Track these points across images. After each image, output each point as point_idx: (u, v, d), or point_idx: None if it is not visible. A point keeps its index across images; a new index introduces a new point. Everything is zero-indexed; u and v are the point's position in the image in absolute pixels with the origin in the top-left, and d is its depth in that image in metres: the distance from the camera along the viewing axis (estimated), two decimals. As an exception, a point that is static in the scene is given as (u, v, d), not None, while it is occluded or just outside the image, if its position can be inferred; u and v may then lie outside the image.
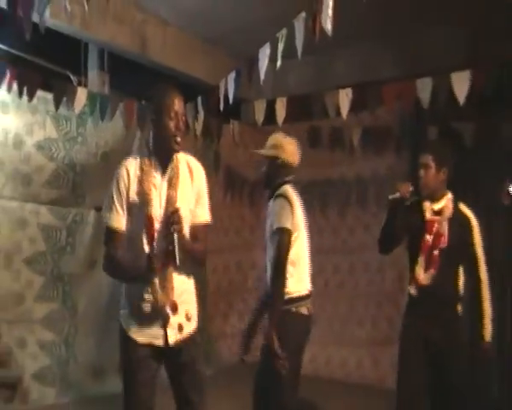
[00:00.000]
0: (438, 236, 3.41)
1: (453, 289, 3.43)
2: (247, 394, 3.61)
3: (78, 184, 5.63)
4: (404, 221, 3.49)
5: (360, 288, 6.82)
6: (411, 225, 3.51)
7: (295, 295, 3.41)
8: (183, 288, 2.76)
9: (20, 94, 4.86)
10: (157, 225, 2.66)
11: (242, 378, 4.14)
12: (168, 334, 2.71)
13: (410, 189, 3.39)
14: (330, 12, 3.69)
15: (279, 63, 4.16)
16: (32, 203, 5.33)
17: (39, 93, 5.03)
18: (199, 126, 5.79)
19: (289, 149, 3.67)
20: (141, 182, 2.70)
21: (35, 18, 3.96)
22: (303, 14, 3.95)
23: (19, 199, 5.23)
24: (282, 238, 3.32)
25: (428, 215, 3.46)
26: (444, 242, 3.40)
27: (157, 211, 2.67)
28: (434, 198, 3.48)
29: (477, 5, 5.38)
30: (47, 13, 3.99)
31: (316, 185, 6.88)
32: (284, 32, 4.15)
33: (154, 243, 2.66)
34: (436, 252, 3.41)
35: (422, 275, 3.43)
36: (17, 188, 5.20)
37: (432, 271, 3.41)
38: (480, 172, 5.18)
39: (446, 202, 3.47)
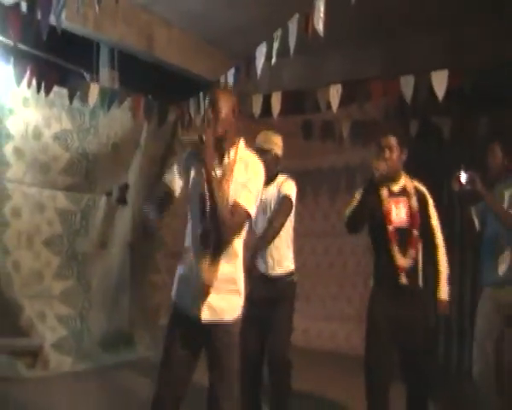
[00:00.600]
0: (412, 214, 3.31)
1: (417, 265, 3.34)
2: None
3: (91, 171, 5.83)
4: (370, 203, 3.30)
5: (349, 268, 7.04)
6: (372, 209, 3.31)
7: (293, 268, 3.91)
8: (227, 273, 2.65)
9: (39, 89, 5.04)
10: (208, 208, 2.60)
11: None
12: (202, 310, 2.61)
13: (384, 166, 3.21)
14: (322, 14, 3.81)
15: (274, 61, 4.28)
16: (50, 189, 5.56)
17: (56, 89, 5.22)
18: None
19: (279, 144, 3.95)
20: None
21: (52, 20, 4.09)
22: (296, 16, 4.06)
23: (38, 185, 5.46)
24: (291, 206, 3.78)
25: (386, 199, 3.34)
26: (417, 220, 3.32)
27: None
28: (394, 179, 3.37)
29: (455, 12, 5.54)
30: (63, 15, 4.11)
31: (308, 174, 7.07)
32: (279, 32, 4.25)
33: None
34: (415, 232, 3.31)
35: (402, 260, 3.28)
36: (36, 175, 5.42)
37: (412, 252, 3.30)
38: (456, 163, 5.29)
39: (405, 181, 3.40)
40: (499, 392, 3.71)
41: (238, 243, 2.68)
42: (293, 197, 3.77)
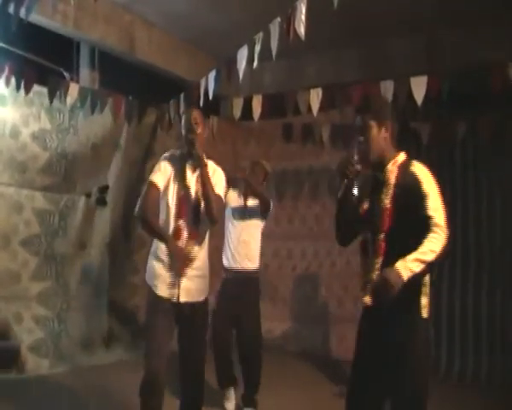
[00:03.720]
0: (381, 215, 2.58)
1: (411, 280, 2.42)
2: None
3: (70, 172, 5.69)
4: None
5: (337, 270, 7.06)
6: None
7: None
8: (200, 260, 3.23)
9: (18, 88, 4.94)
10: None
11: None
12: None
13: (355, 158, 2.60)
14: (303, 17, 3.78)
15: (255, 64, 4.24)
16: (28, 189, 5.41)
17: (35, 87, 5.11)
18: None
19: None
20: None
21: (21, 13, 4.01)
22: (278, 19, 4.02)
23: (15, 185, 5.31)
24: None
25: (365, 200, 2.68)
26: (389, 222, 2.54)
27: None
28: (383, 165, 2.64)
29: (433, 20, 5.57)
30: (33, 8, 4.02)
31: (288, 175, 7.16)
32: (260, 35, 4.20)
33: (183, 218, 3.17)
34: (381, 236, 2.57)
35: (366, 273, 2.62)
36: (14, 175, 5.29)
37: (377, 260, 2.58)
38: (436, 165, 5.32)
39: (389, 169, 2.62)
40: None
41: (204, 235, 3.25)
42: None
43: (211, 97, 4.99)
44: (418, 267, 2.36)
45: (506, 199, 5.84)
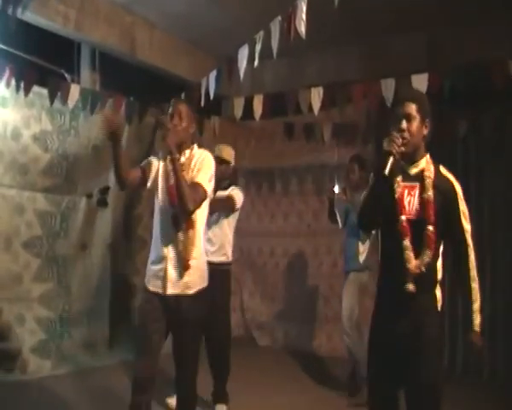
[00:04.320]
0: (427, 206, 2.53)
1: (432, 273, 2.59)
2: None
3: (71, 173, 5.68)
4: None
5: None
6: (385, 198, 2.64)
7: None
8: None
9: (18, 89, 4.92)
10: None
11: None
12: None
13: (400, 140, 2.50)
14: (304, 16, 3.78)
15: (256, 63, 4.23)
16: (29, 191, 5.39)
17: (35, 89, 5.12)
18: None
19: (234, 157, 4.60)
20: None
21: (18, 13, 4.03)
22: (279, 18, 4.02)
23: (17, 187, 5.29)
24: (232, 203, 4.46)
25: (397, 185, 2.60)
26: (433, 212, 2.53)
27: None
28: (413, 160, 2.60)
29: (433, 18, 5.56)
30: (29, 6, 4.02)
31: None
32: (261, 34, 4.19)
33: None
34: (431, 228, 2.52)
35: (414, 262, 2.53)
36: (15, 177, 5.28)
37: (428, 253, 2.52)
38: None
39: (426, 164, 2.60)
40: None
41: (200, 224, 3.14)
42: (238, 202, 4.42)
43: (212, 97, 4.99)
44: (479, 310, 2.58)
45: (508, 195, 5.81)
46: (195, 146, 3.24)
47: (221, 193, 4.38)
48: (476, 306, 2.57)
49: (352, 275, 4.96)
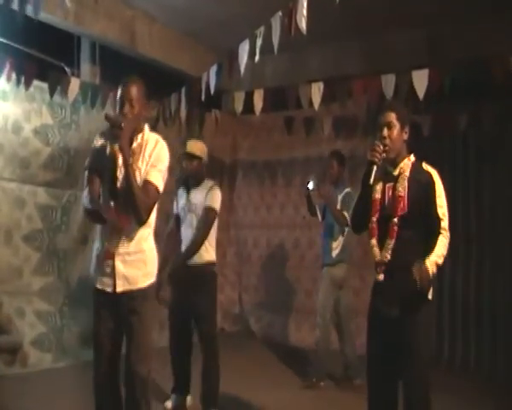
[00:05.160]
0: (397, 200, 2.81)
1: (408, 256, 2.74)
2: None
3: (72, 167, 5.67)
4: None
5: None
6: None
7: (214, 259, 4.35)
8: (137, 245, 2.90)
9: (18, 83, 4.91)
10: (118, 184, 2.86)
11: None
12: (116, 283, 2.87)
13: (382, 148, 2.82)
14: (305, 12, 3.77)
15: (257, 58, 4.22)
16: (30, 185, 5.38)
17: (36, 83, 5.12)
18: (183, 115, 5.79)
19: (206, 152, 4.38)
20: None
21: (29, 11, 3.99)
22: (279, 13, 4.01)
23: (17, 180, 5.29)
24: (214, 216, 4.26)
25: (380, 187, 2.90)
26: (403, 208, 2.79)
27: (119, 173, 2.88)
28: (395, 163, 2.90)
29: (433, 13, 5.55)
30: (41, 5, 4.01)
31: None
32: (262, 29, 4.18)
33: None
34: (395, 220, 2.80)
35: (379, 254, 2.84)
36: (16, 170, 5.28)
37: (390, 242, 2.81)
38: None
39: (404, 165, 2.88)
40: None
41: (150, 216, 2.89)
42: (218, 207, 4.25)
43: (212, 92, 4.98)
44: (435, 268, 2.72)
45: (507, 191, 5.82)
46: (146, 129, 2.95)
47: (194, 191, 4.28)
48: (436, 254, 2.74)
49: (325, 270, 5.12)
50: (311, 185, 5.10)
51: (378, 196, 2.91)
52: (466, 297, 5.97)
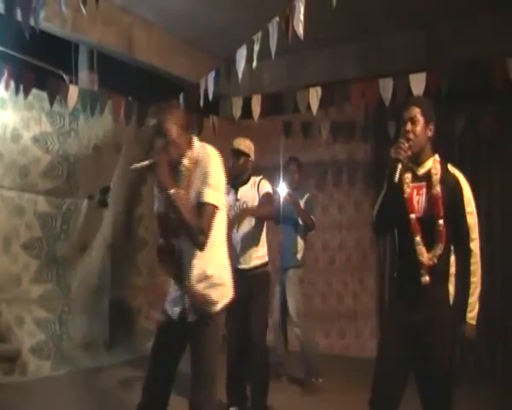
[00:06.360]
0: (435, 202, 2.65)
1: (445, 266, 2.70)
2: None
3: (72, 174, 5.66)
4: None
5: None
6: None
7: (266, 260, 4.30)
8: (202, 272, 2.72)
9: (17, 91, 4.90)
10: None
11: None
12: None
13: (407, 145, 2.65)
14: (302, 17, 3.77)
15: (255, 64, 4.22)
16: (29, 193, 5.35)
17: (34, 91, 5.10)
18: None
19: (253, 150, 4.26)
20: None
21: (31, 21, 3.98)
22: (276, 19, 4.02)
23: (17, 189, 5.27)
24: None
25: (407, 186, 2.73)
26: (440, 209, 2.64)
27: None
28: (419, 160, 2.74)
29: (432, 16, 5.56)
30: (41, 15, 4.00)
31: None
32: (259, 34, 4.20)
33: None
34: (441, 222, 2.64)
35: (426, 255, 2.65)
36: (15, 178, 5.25)
37: (440, 246, 2.64)
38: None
39: (432, 163, 2.73)
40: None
41: (213, 237, 2.67)
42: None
43: (210, 97, 4.99)
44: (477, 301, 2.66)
45: (504, 193, 5.82)
46: (195, 141, 2.75)
47: (243, 189, 4.17)
48: (472, 299, 2.65)
49: (291, 272, 5.25)
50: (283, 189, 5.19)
51: (410, 194, 2.72)
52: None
